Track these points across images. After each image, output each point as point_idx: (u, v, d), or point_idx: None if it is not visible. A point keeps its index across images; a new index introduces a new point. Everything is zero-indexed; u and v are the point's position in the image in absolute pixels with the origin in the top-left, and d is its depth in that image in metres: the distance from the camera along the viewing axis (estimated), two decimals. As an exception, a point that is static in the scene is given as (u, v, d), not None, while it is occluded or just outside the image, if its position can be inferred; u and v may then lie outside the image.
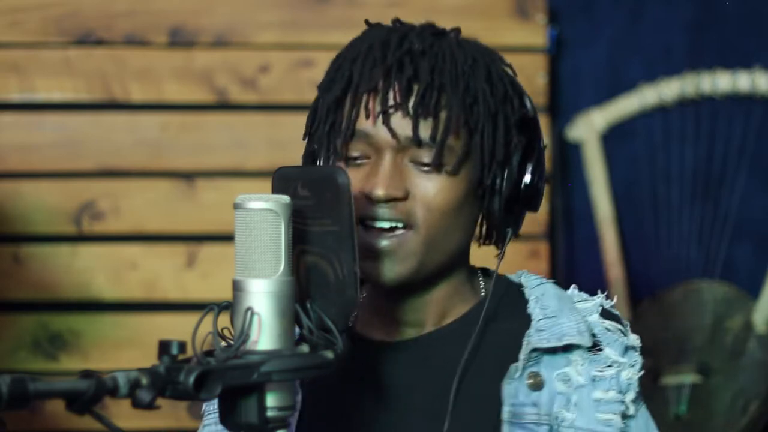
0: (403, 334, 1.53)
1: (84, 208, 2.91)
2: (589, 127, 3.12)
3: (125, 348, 2.87)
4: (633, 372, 1.50)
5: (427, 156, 1.46)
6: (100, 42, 2.93)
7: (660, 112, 3.13)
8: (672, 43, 3.13)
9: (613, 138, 3.13)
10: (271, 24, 2.94)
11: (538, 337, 1.49)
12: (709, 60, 3.11)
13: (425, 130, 1.45)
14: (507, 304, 1.55)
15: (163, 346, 1.20)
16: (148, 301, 2.91)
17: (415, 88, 1.46)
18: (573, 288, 1.58)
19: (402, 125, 1.46)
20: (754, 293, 3.00)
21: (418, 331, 1.53)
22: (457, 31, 1.54)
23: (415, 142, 1.45)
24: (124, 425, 1.31)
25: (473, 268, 1.59)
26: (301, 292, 1.33)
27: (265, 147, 2.89)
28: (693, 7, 3.12)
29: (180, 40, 2.94)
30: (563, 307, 1.53)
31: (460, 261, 1.53)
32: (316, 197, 1.36)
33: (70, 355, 2.88)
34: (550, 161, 2.95)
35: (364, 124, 1.47)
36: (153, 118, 2.93)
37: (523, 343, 1.49)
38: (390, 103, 1.46)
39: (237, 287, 1.28)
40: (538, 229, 2.91)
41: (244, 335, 1.25)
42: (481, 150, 1.48)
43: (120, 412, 2.06)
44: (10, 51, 2.91)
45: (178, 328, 2.01)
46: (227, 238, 1.40)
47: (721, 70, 3.09)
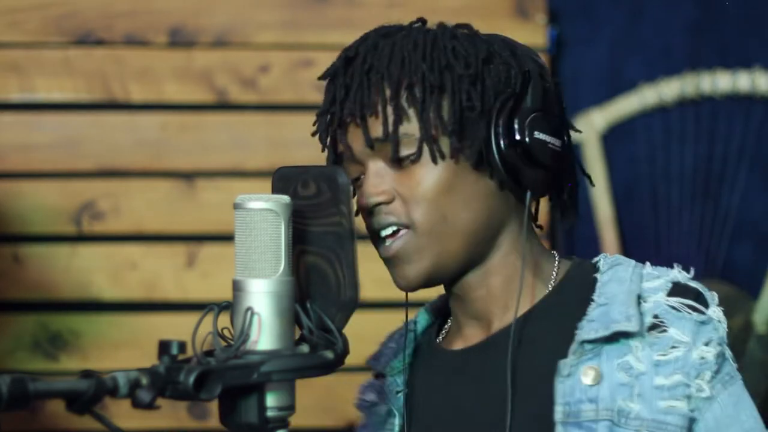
0: (474, 339, 1.52)
1: (84, 208, 2.91)
2: (589, 127, 3.11)
3: (125, 348, 2.87)
4: (707, 350, 1.42)
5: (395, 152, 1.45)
6: (100, 42, 2.93)
7: (660, 112, 3.13)
8: (672, 43, 3.12)
9: (613, 138, 3.13)
10: (270, 24, 2.94)
11: (588, 328, 1.43)
12: (709, 60, 3.10)
13: (376, 130, 1.45)
14: (577, 292, 1.49)
15: (163, 346, 1.20)
16: (148, 301, 2.91)
17: (353, 93, 1.46)
18: (647, 265, 1.50)
19: (358, 134, 1.47)
20: (754, 293, 3.00)
21: (485, 332, 1.51)
22: (416, 21, 1.52)
23: (368, 144, 1.45)
24: (124, 425, 1.31)
25: (544, 251, 1.53)
26: (301, 292, 1.33)
27: (265, 147, 2.88)
28: (693, 7, 3.12)
29: (180, 40, 2.94)
30: (620, 291, 1.45)
31: (493, 239, 1.49)
32: (316, 197, 1.36)
33: (70, 355, 2.88)
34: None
35: (340, 146, 1.50)
36: (153, 118, 2.93)
37: (575, 335, 1.43)
38: (341, 118, 1.47)
39: (237, 287, 1.28)
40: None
41: (244, 335, 1.25)
42: (428, 128, 1.44)
43: (120, 412, 2.06)
44: (9, 51, 2.91)
45: (178, 328, 2.01)
46: (227, 238, 1.40)
47: (721, 70, 3.09)
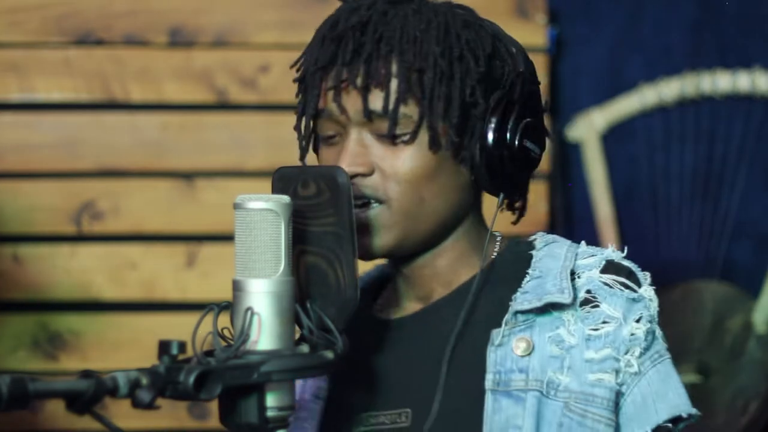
0: (411, 310, 1.52)
1: (83, 208, 2.91)
2: (589, 127, 3.11)
3: (125, 348, 2.87)
4: (637, 327, 1.44)
5: (387, 128, 1.44)
6: (99, 42, 2.93)
7: (660, 112, 3.13)
8: (672, 43, 3.13)
9: (613, 138, 3.13)
10: (270, 24, 2.94)
11: (521, 299, 1.45)
12: (709, 60, 3.10)
13: (376, 102, 1.43)
14: (511, 267, 1.51)
15: (163, 346, 1.20)
16: (148, 301, 2.91)
17: (362, 60, 1.44)
18: (582, 244, 1.52)
19: (354, 100, 1.44)
20: (754, 293, 3.00)
21: (423, 304, 1.52)
22: None
23: (366, 115, 1.44)
24: (123, 425, 1.31)
25: (492, 235, 1.54)
26: (300, 292, 1.33)
27: (264, 147, 2.88)
28: (693, 6, 3.12)
29: (180, 40, 2.94)
30: (556, 265, 1.48)
31: (457, 227, 1.50)
32: (316, 197, 1.36)
33: (70, 355, 2.88)
34: (549, 161, 2.95)
35: (324, 103, 1.47)
36: (153, 118, 2.93)
37: (509, 306, 1.45)
38: (339, 79, 1.44)
39: (237, 287, 1.28)
40: (538, 229, 2.90)
41: (244, 335, 1.25)
42: (433, 115, 1.43)
43: (120, 412, 2.06)
44: (9, 51, 2.91)
45: (177, 328, 2.01)
46: (227, 238, 1.40)
47: (721, 70, 3.09)
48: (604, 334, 1.43)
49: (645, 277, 1.49)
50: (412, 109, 1.44)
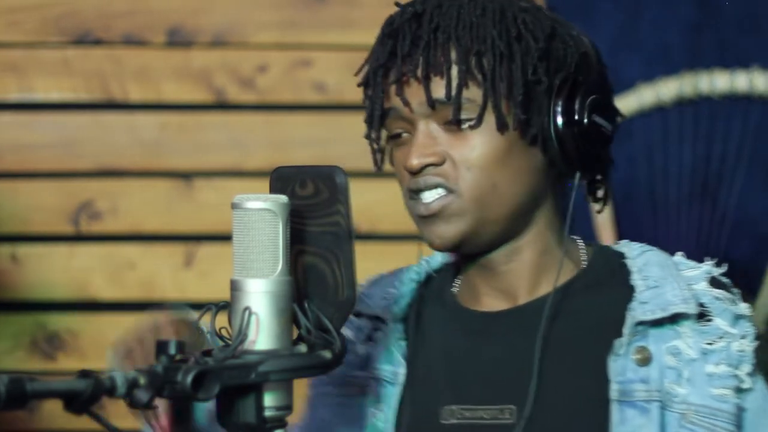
0: (496, 307, 1.51)
1: (82, 207, 2.91)
2: (587, 127, 3.11)
3: (123, 348, 2.86)
4: (745, 343, 1.44)
5: (452, 113, 1.44)
6: (98, 42, 2.93)
7: (658, 112, 3.13)
8: (670, 43, 3.12)
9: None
10: (269, 24, 2.94)
11: (642, 309, 1.44)
12: (707, 60, 3.10)
13: (438, 90, 1.44)
14: (608, 274, 1.49)
15: (161, 346, 1.20)
16: (146, 300, 2.91)
17: (420, 51, 1.45)
18: (679, 254, 1.52)
19: (417, 92, 1.45)
20: (753, 293, 3.00)
21: (511, 302, 1.50)
22: None
23: (430, 104, 1.44)
24: (122, 425, 1.31)
25: (570, 236, 1.52)
26: (299, 292, 1.33)
27: (263, 147, 2.88)
28: (691, 6, 3.12)
29: (178, 40, 2.94)
30: (667, 275, 1.47)
31: (532, 216, 1.49)
32: (314, 197, 1.36)
33: (68, 355, 2.88)
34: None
35: (389, 101, 1.48)
36: (151, 118, 2.93)
37: (627, 316, 1.43)
38: (400, 72, 1.45)
39: (235, 287, 1.28)
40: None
41: (242, 335, 1.25)
42: (496, 96, 1.43)
43: (118, 412, 2.06)
44: (8, 51, 2.91)
45: (176, 327, 2.02)
46: (225, 238, 1.40)
47: (720, 70, 3.09)
48: (719, 349, 1.43)
49: (739, 294, 1.50)
50: (475, 93, 1.44)
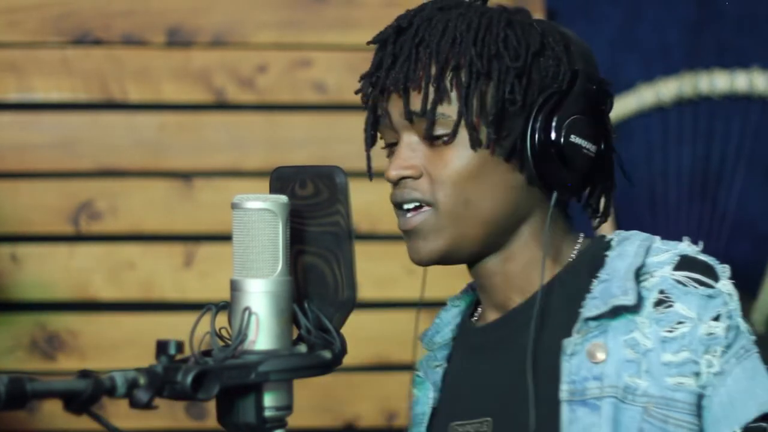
0: (492, 318, 1.52)
1: (82, 207, 2.91)
2: (587, 127, 3.11)
3: (123, 348, 2.87)
4: (716, 325, 1.38)
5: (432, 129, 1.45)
6: (97, 42, 2.93)
7: (658, 112, 3.13)
8: (670, 43, 3.13)
9: (611, 138, 3.13)
10: (268, 24, 2.94)
11: (591, 305, 1.42)
12: (706, 60, 3.11)
13: (415, 104, 1.45)
14: (586, 271, 1.48)
15: (161, 346, 1.20)
16: (146, 301, 2.91)
17: (401, 63, 1.46)
18: (657, 239, 1.48)
19: (397, 103, 1.46)
20: (752, 293, 3.01)
21: (506, 309, 1.50)
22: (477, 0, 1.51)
23: (407, 117, 1.45)
24: (121, 425, 1.31)
25: (567, 233, 1.52)
26: (299, 292, 1.33)
27: (263, 147, 2.88)
28: (691, 6, 3.12)
29: (178, 40, 2.94)
30: (622, 267, 1.44)
31: (515, 229, 1.49)
32: (314, 197, 1.36)
33: (68, 355, 2.88)
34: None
35: (379, 111, 1.49)
36: (151, 118, 2.93)
37: (580, 313, 1.43)
38: (384, 84, 1.47)
39: (235, 287, 1.28)
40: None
41: (242, 335, 1.25)
42: (468, 113, 1.43)
43: (118, 412, 2.06)
44: (8, 51, 2.91)
45: (175, 327, 2.01)
46: (225, 238, 1.40)
47: (719, 69, 3.09)
48: (680, 335, 1.38)
49: (723, 270, 1.45)
50: (451, 109, 1.45)
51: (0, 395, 1.08)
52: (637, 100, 3.12)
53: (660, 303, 1.40)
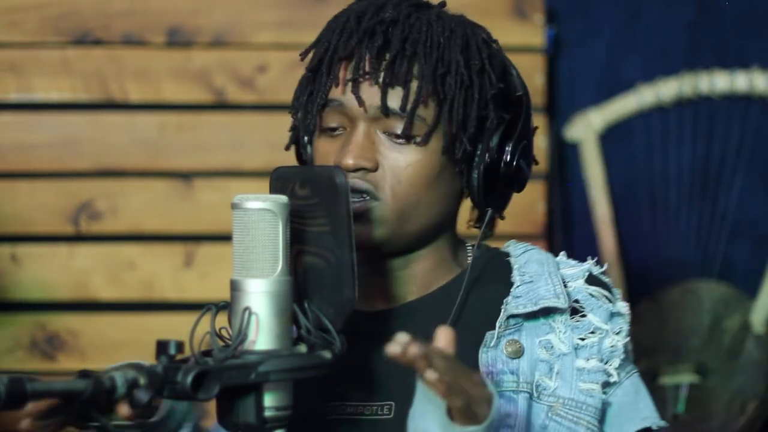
0: (387, 305, 1.53)
1: (81, 207, 2.91)
2: (587, 127, 3.12)
3: (123, 348, 2.86)
4: (618, 339, 1.49)
5: (399, 127, 1.45)
6: (97, 42, 2.93)
7: (658, 112, 3.13)
8: (670, 43, 3.13)
9: (611, 138, 3.13)
10: (268, 24, 2.94)
11: (515, 303, 1.49)
12: (706, 60, 3.11)
13: (395, 100, 1.45)
14: (491, 272, 1.54)
15: (161, 346, 1.20)
16: (146, 301, 2.91)
17: (387, 57, 1.45)
18: (562, 254, 1.57)
19: (372, 94, 1.46)
20: (752, 293, 3.00)
21: (400, 302, 1.53)
22: (441, 4, 1.54)
23: (384, 111, 1.45)
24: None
25: (461, 240, 1.58)
26: (298, 291, 1.33)
27: (263, 147, 2.88)
28: (691, 7, 3.12)
29: (178, 40, 2.94)
30: (544, 271, 1.52)
31: (440, 234, 1.52)
32: (314, 197, 1.36)
33: (68, 355, 2.88)
34: (547, 161, 2.95)
35: (337, 93, 1.48)
36: (151, 118, 2.93)
37: (501, 310, 1.48)
38: (360, 71, 1.46)
39: (235, 287, 1.28)
40: (536, 229, 2.91)
41: (242, 335, 1.25)
42: (451, 121, 1.46)
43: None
44: (7, 51, 2.91)
45: (175, 328, 2.01)
46: (225, 238, 1.40)
47: (719, 70, 3.09)
48: (590, 344, 1.48)
49: (618, 293, 1.55)
50: (428, 112, 1.46)
51: (1, 395, 1.08)
52: (637, 100, 3.12)
53: (575, 311, 1.49)
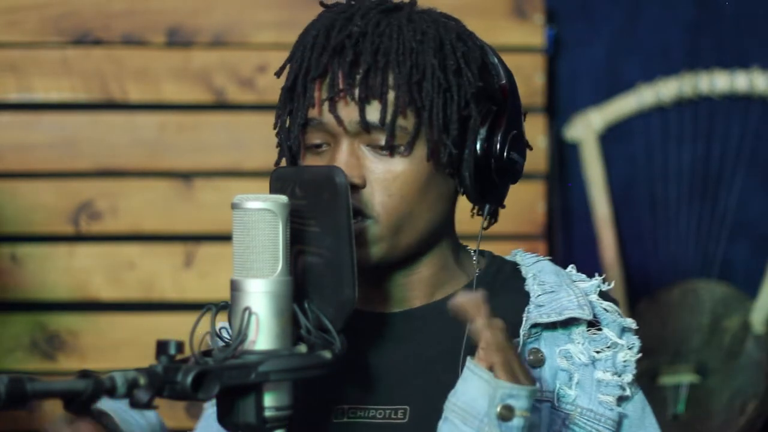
0: (391, 309, 1.52)
1: (81, 207, 2.91)
2: (587, 127, 3.12)
3: (123, 348, 2.87)
4: (630, 354, 1.49)
5: (382, 139, 1.43)
6: (97, 42, 2.93)
7: (658, 112, 3.13)
8: (670, 43, 3.13)
9: (611, 138, 3.13)
10: (268, 24, 2.94)
11: (537, 312, 1.48)
12: (706, 60, 3.11)
13: (373, 114, 1.43)
14: (502, 280, 1.54)
15: (161, 346, 1.20)
16: (146, 301, 2.91)
17: (360, 72, 1.43)
18: (571, 267, 1.57)
19: (350, 111, 1.44)
20: (752, 293, 3.00)
21: (405, 306, 1.52)
22: (412, 3, 1.52)
23: (363, 126, 1.43)
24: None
25: (462, 245, 1.57)
26: (298, 292, 1.33)
27: (262, 147, 2.88)
28: (691, 6, 3.12)
29: (178, 40, 2.94)
30: (562, 282, 1.52)
31: (438, 239, 1.51)
32: (313, 197, 1.36)
33: (68, 355, 2.88)
34: (547, 161, 2.95)
35: (315, 113, 1.46)
36: (151, 118, 2.93)
37: (523, 318, 1.48)
38: (335, 89, 1.44)
39: (235, 287, 1.28)
40: (536, 229, 2.91)
41: (242, 335, 1.25)
42: (432, 127, 1.43)
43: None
44: (7, 51, 2.91)
45: (175, 328, 2.01)
46: (225, 238, 1.40)
47: (719, 69, 3.09)
48: (605, 357, 1.48)
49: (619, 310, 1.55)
50: (409, 122, 1.44)
51: (1, 395, 1.08)
52: (637, 100, 3.12)
53: (591, 324, 1.50)
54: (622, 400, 1.49)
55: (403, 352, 1.49)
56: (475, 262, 1.55)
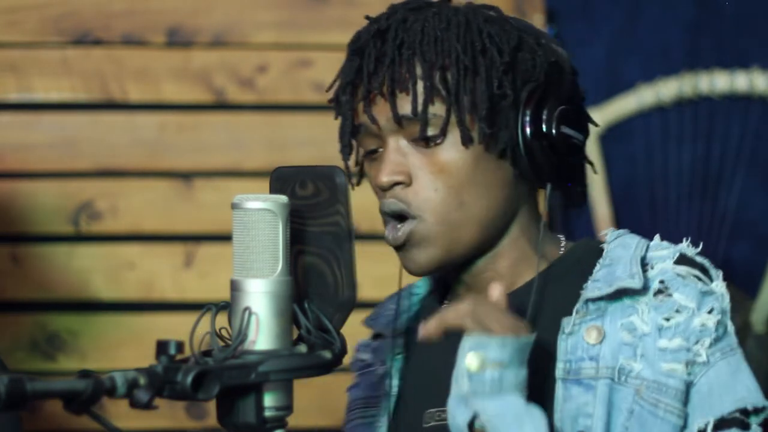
0: None
1: (81, 208, 2.91)
2: (586, 127, 3.11)
3: (123, 348, 2.86)
4: (709, 318, 1.43)
5: (419, 132, 1.44)
6: (97, 42, 2.93)
7: (658, 112, 3.13)
8: (670, 43, 3.13)
9: (611, 138, 3.13)
10: (269, 24, 2.94)
11: (592, 286, 1.45)
12: (706, 60, 3.11)
13: (404, 107, 1.44)
14: (583, 263, 1.50)
15: (161, 346, 1.20)
16: (146, 301, 2.91)
17: (385, 67, 1.45)
18: (657, 238, 1.51)
19: (383, 108, 1.45)
20: (752, 293, 3.00)
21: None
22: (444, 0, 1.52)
23: (396, 120, 1.44)
24: (122, 425, 1.31)
25: (550, 233, 1.54)
26: (299, 292, 1.33)
27: (263, 147, 2.88)
28: (691, 6, 3.12)
29: (178, 40, 2.94)
30: (624, 254, 1.47)
31: (506, 226, 1.49)
32: (314, 197, 1.36)
33: (68, 355, 2.88)
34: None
35: (358, 118, 1.48)
36: (151, 118, 2.93)
37: (580, 295, 1.45)
38: (366, 90, 1.46)
39: (235, 287, 1.28)
40: (536, 229, 2.90)
41: (242, 335, 1.25)
42: (461, 111, 1.43)
43: (118, 412, 2.06)
44: (7, 51, 2.91)
45: (176, 328, 2.01)
46: (225, 238, 1.40)
47: (719, 70, 3.09)
48: (675, 324, 1.42)
49: (717, 273, 1.49)
50: (441, 108, 1.44)
51: (1, 395, 1.08)
52: (637, 100, 3.12)
53: (660, 292, 1.44)
54: (696, 366, 1.42)
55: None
56: (562, 250, 1.53)
